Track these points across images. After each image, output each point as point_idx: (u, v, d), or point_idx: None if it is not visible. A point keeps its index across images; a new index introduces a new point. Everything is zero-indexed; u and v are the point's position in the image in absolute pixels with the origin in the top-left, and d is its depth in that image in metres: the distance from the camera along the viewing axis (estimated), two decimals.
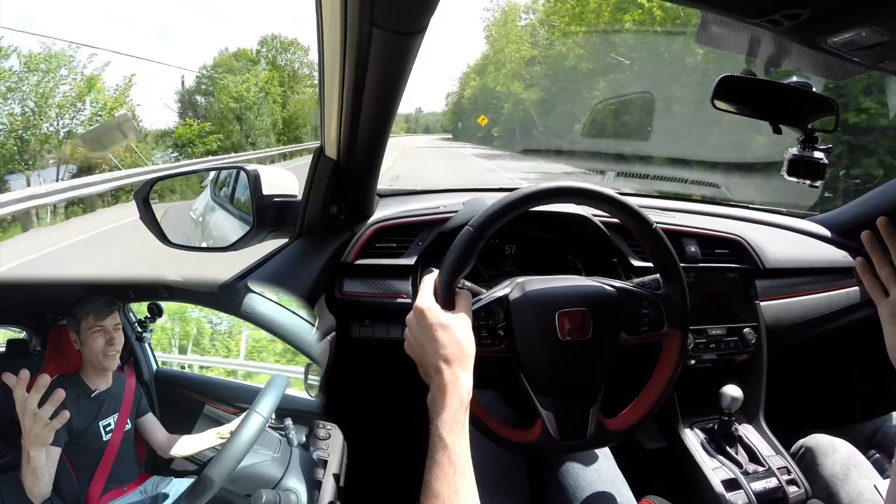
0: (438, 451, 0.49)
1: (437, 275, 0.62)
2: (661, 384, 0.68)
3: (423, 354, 0.57)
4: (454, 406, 0.52)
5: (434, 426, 0.51)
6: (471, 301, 0.62)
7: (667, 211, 1.15)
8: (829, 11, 0.49)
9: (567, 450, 0.77)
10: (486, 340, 0.65)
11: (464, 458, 0.50)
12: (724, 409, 0.90)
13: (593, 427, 0.65)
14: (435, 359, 0.55)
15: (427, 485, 0.48)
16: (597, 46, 12.05)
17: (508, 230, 0.67)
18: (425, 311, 0.57)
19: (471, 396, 0.55)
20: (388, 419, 1.20)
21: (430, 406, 0.54)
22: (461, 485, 0.48)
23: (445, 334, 0.56)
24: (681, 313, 0.68)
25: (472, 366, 0.56)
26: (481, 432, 0.64)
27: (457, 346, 0.55)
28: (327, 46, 0.71)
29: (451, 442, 0.50)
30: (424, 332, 0.56)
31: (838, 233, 1.22)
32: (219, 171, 1.33)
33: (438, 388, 0.53)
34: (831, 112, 0.78)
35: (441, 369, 0.54)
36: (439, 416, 0.51)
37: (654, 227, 0.66)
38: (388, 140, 0.88)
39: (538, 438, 0.65)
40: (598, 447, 0.78)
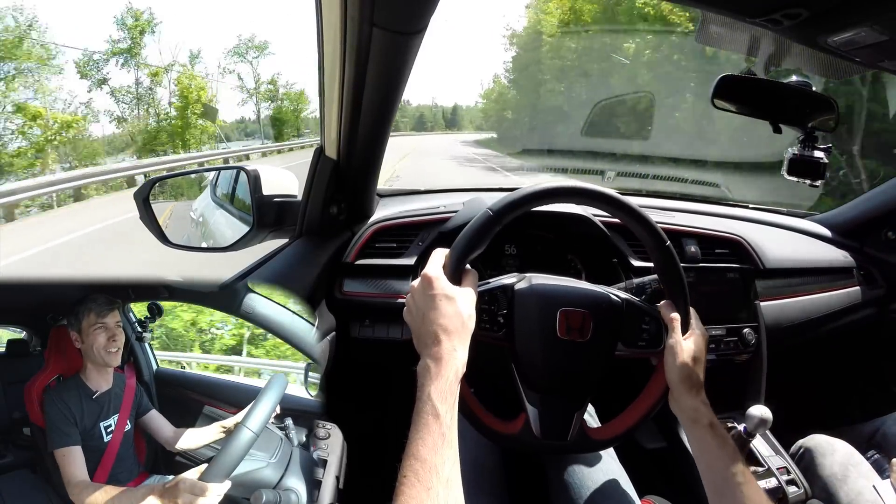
0: (429, 418, 0.49)
1: (449, 250, 0.62)
2: (649, 401, 0.67)
3: (422, 322, 0.56)
4: (449, 377, 0.52)
5: (426, 393, 0.51)
6: (477, 281, 0.62)
7: (667, 211, 1.15)
8: (829, 11, 0.49)
9: (545, 450, 0.77)
10: (485, 325, 0.65)
11: (453, 430, 0.50)
12: (747, 430, 0.84)
13: (575, 432, 0.65)
14: (434, 328, 0.54)
15: (413, 449, 0.47)
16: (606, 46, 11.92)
17: (509, 230, 0.67)
18: (433, 279, 0.57)
19: (464, 371, 0.54)
20: (389, 419, 1.20)
21: (420, 374, 0.53)
22: (448, 456, 0.48)
23: (449, 305, 0.55)
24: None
25: (469, 342, 0.56)
26: (463, 413, 0.63)
27: (458, 319, 0.55)
28: (327, 46, 0.71)
29: (443, 412, 0.49)
30: (428, 301, 0.56)
31: (838, 233, 1.22)
32: (219, 172, 1.33)
33: (434, 356, 0.53)
34: (831, 111, 0.78)
35: (440, 339, 0.54)
36: (433, 384, 0.51)
37: (668, 245, 0.66)
38: (388, 140, 0.88)
39: (519, 432, 0.65)
40: (575, 452, 0.78)
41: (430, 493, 0.44)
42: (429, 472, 0.46)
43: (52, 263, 4.91)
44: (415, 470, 0.46)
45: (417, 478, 0.45)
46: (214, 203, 1.30)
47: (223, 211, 1.19)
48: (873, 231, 1.18)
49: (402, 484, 0.45)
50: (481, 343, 0.61)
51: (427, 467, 0.46)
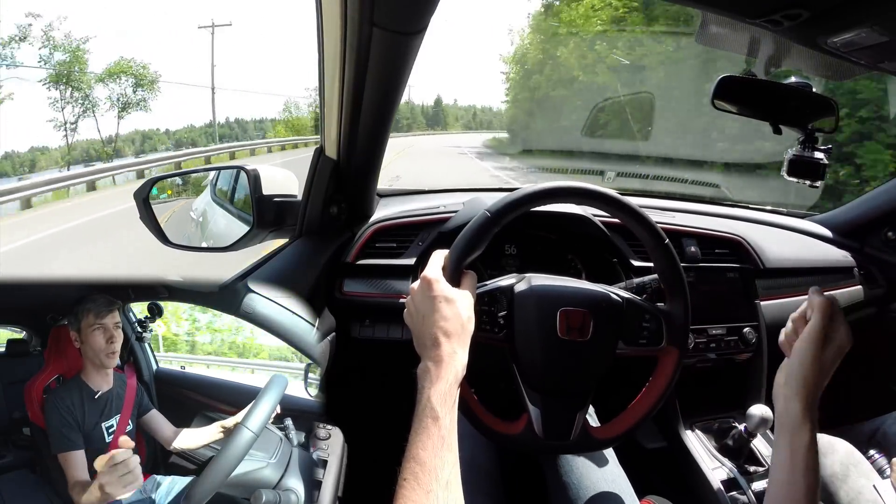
0: (428, 421, 0.49)
1: (448, 252, 0.62)
2: (651, 399, 0.68)
3: (422, 324, 0.56)
4: (449, 380, 0.52)
5: (425, 396, 0.51)
6: (476, 283, 0.62)
7: (667, 211, 1.15)
8: (829, 11, 0.49)
9: (548, 450, 0.77)
10: (485, 326, 0.65)
11: (453, 433, 0.50)
12: (748, 429, 0.85)
13: (578, 431, 0.65)
14: (434, 330, 0.55)
15: (413, 452, 0.48)
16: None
17: (509, 230, 0.67)
18: (433, 282, 0.57)
19: (464, 374, 0.55)
20: (389, 419, 1.19)
21: (420, 376, 0.53)
22: (447, 459, 0.48)
23: (449, 308, 0.56)
24: (680, 332, 0.67)
25: (468, 344, 0.56)
26: (465, 415, 0.64)
27: (458, 321, 0.55)
28: (327, 46, 0.71)
29: (442, 415, 0.50)
30: (428, 303, 0.56)
31: (838, 233, 1.22)
32: (219, 172, 1.32)
33: (434, 359, 0.53)
34: (831, 112, 0.78)
35: (440, 341, 0.54)
36: (433, 387, 0.51)
37: (667, 243, 0.66)
38: (388, 140, 0.88)
39: (521, 433, 0.65)
40: (578, 452, 0.78)
41: (430, 496, 0.45)
42: (428, 474, 0.46)
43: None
44: (414, 473, 0.46)
45: (417, 480, 0.45)
46: (214, 203, 1.29)
47: (223, 211, 1.19)
48: (873, 231, 1.18)
49: (401, 487, 0.45)
50: (482, 344, 0.61)
51: (427, 470, 0.46)
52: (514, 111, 20.24)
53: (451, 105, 63.52)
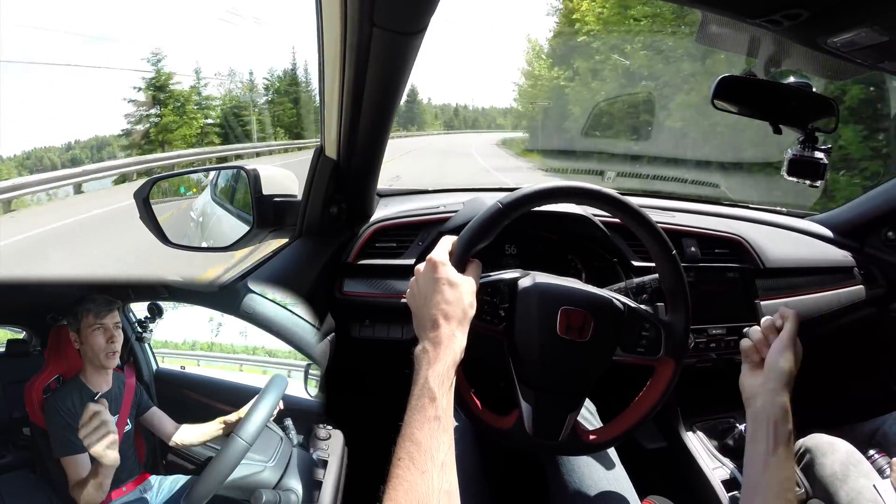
0: (425, 402, 0.49)
1: (456, 238, 0.63)
2: (643, 409, 0.68)
3: (424, 305, 0.57)
4: (448, 362, 0.52)
5: (423, 377, 0.51)
6: (480, 272, 0.63)
7: (667, 211, 1.15)
8: (829, 11, 0.49)
9: (535, 448, 0.77)
10: (486, 316, 0.65)
11: (449, 415, 0.50)
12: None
13: (567, 432, 0.65)
14: (435, 311, 0.55)
15: (409, 432, 0.48)
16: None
17: (509, 230, 0.67)
18: (438, 264, 0.58)
19: (462, 357, 0.55)
20: (389, 419, 1.19)
21: (418, 357, 0.53)
22: (443, 440, 0.48)
23: (452, 291, 0.56)
24: (679, 344, 0.67)
25: (468, 329, 0.57)
26: (457, 404, 0.63)
27: (460, 305, 0.56)
28: (327, 46, 0.71)
29: (439, 396, 0.50)
30: (432, 284, 0.57)
31: (838, 233, 1.22)
32: (219, 171, 1.32)
33: (433, 340, 0.53)
34: (831, 112, 0.78)
35: (440, 323, 0.54)
36: (431, 367, 0.51)
37: (674, 254, 0.66)
38: (388, 140, 0.88)
39: (511, 428, 0.65)
40: (566, 454, 0.78)
41: (425, 476, 0.44)
42: (424, 455, 0.46)
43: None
44: (410, 452, 0.46)
45: (412, 460, 0.45)
46: (214, 203, 1.29)
47: (223, 210, 1.19)
48: (873, 231, 1.18)
49: (396, 466, 0.45)
50: (480, 335, 0.61)
51: (422, 450, 0.46)
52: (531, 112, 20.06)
53: (463, 107, 63.88)
